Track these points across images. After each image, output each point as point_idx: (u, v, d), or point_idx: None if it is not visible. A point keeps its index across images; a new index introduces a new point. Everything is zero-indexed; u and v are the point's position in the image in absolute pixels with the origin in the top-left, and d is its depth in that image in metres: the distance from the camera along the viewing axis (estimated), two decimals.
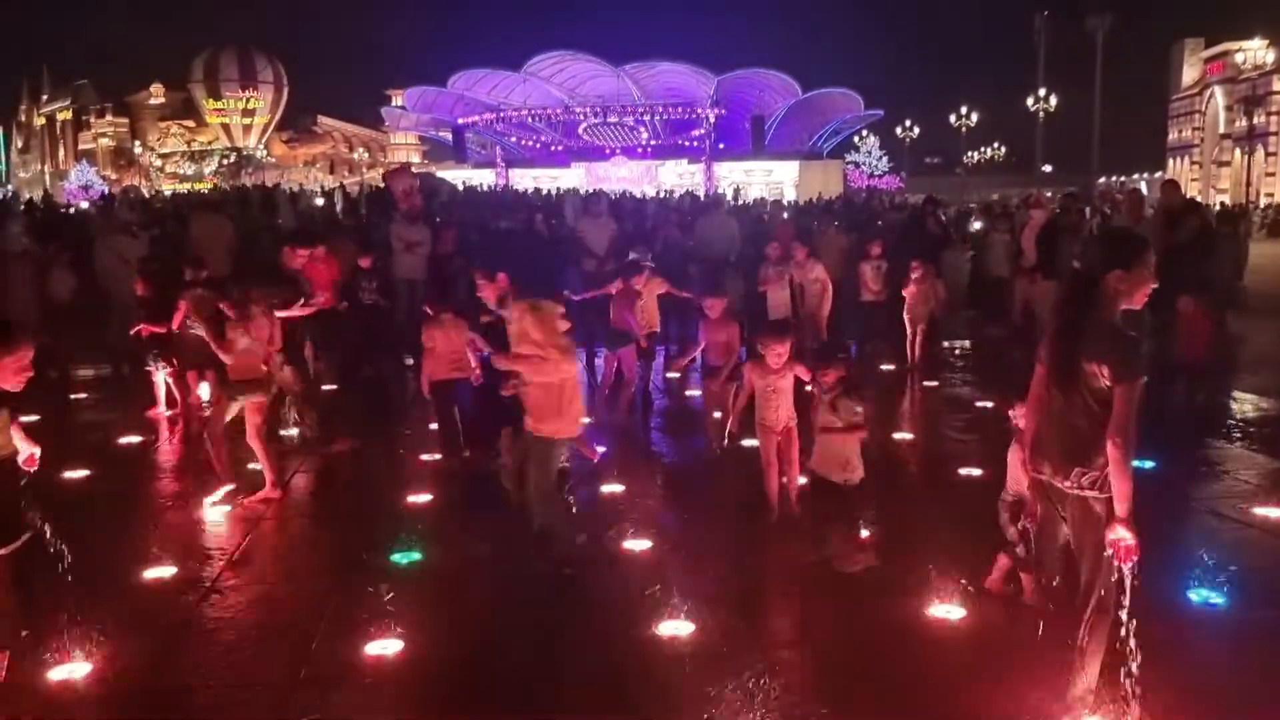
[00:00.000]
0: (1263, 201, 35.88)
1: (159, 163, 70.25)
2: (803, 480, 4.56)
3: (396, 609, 3.71)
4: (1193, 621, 3.67)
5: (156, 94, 77.14)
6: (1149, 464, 5.41)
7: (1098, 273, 2.69)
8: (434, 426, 5.76)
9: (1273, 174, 43.83)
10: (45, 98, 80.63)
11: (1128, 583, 2.72)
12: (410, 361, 8.53)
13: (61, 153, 78.71)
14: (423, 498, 5.14)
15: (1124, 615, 2.77)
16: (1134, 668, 2.82)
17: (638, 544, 4.41)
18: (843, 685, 3.25)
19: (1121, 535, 2.62)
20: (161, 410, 6.91)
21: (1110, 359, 2.60)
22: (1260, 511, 4.79)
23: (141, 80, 78.14)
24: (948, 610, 3.68)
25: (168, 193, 34.57)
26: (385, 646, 3.47)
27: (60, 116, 79.56)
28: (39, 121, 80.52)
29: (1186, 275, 8.85)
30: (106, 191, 31.74)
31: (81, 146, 77.08)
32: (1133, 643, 2.81)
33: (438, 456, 5.70)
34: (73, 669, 3.31)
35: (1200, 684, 3.19)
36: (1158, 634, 3.54)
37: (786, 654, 3.47)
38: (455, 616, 3.77)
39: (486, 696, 3.22)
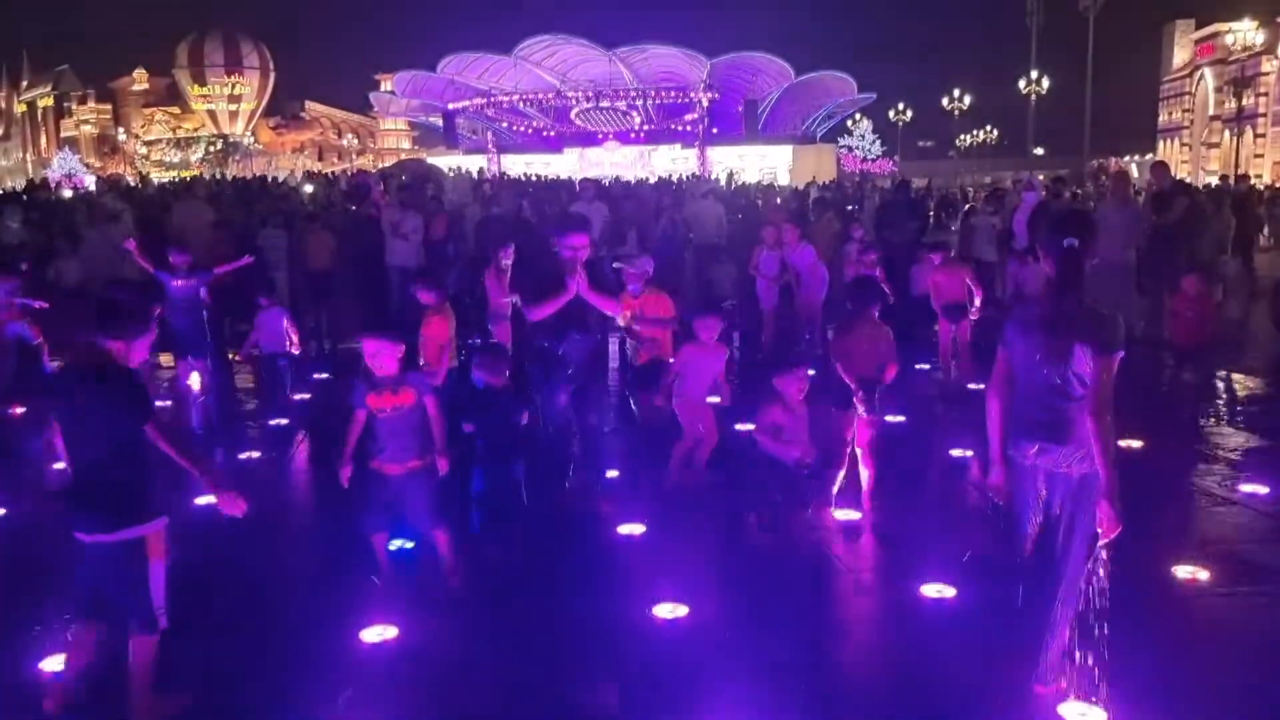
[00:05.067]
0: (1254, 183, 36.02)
1: (144, 150, 69.43)
2: None
3: (390, 596, 3.73)
4: (1177, 596, 3.74)
5: (140, 80, 76.12)
6: (1137, 443, 5.48)
7: (1082, 253, 2.75)
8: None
9: (1260, 155, 43.95)
10: (25, 84, 79.41)
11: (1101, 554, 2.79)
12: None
13: (43, 140, 77.64)
14: None
15: (1099, 586, 2.84)
16: (1110, 638, 2.88)
17: (632, 528, 4.44)
18: (835, 665, 3.30)
19: (1107, 511, 2.68)
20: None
21: (1097, 335, 2.68)
22: (1246, 489, 4.86)
23: (124, 66, 77.16)
24: (939, 589, 3.73)
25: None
26: (381, 634, 3.49)
27: (41, 103, 78.40)
28: (19, 108, 79.32)
29: (1177, 255, 8.92)
30: (81, 180, 31.05)
31: (64, 134, 76.05)
32: (1113, 614, 2.87)
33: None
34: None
35: (1184, 657, 3.25)
36: (1143, 608, 3.61)
37: (780, 634, 3.52)
38: (449, 603, 3.79)
39: (483, 685, 3.25)
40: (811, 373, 4.50)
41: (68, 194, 17.69)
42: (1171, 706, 2.97)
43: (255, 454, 5.83)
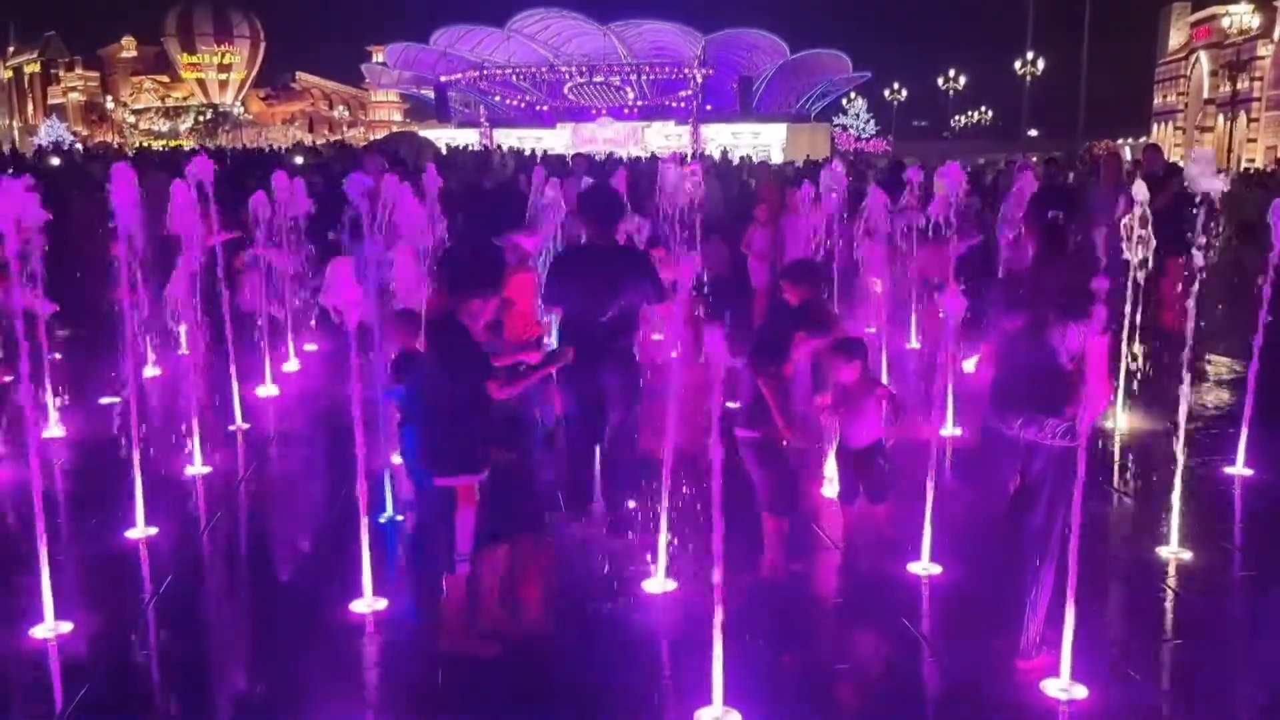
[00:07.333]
0: (1242, 166, 36.09)
1: (132, 119, 68.31)
2: None
3: (382, 573, 3.75)
4: (1160, 576, 3.80)
5: (128, 47, 74.64)
6: (1123, 426, 5.53)
7: (1065, 227, 2.80)
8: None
9: (1254, 140, 43.95)
10: (11, 50, 77.82)
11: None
12: None
13: (30, 107, 76.30)
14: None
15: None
16: (1094, 616, 2.92)
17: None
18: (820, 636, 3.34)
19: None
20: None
21: (1082, 312, 2.72)
22: (1230, 470, 4.92)
23: (112, 32, 75.67)
24: (925, 567, 3.78)
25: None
26: (372, 606, 3.51)
27: (28, 69, 76.90)
28: (6, 74, 77.79)
29: (1168, 238, 8.93)
30: (67, 145, 30.52)
31: (51, 101, 74.72)
32: (1097, 592, 2.91)
33: None
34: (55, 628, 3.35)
35: (1165, 634, 3.31)
36: (1127, 587, 3.67)
37: (768, 612, 3.56)
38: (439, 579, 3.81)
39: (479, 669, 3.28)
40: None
41: (55, 161, 17.44)
42: (1152, 683, 3.03)
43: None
